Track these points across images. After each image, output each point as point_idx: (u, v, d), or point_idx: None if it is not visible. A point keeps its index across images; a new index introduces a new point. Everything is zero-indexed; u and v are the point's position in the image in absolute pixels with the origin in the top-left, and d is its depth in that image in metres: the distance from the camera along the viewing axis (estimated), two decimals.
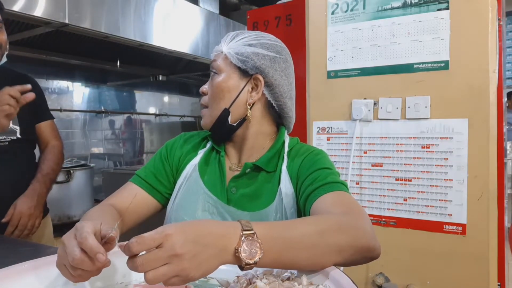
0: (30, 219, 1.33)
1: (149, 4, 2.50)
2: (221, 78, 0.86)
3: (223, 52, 0.87)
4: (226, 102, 0.86)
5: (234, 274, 0.64)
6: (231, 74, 0.86)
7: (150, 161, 0.96)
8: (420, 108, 1.39)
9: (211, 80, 0.89)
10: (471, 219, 1.32)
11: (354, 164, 1.51)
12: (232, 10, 3.88)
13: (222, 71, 0.86)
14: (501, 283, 1.35)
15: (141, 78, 3.59)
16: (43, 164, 1.48)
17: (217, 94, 0.87)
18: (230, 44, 0.87)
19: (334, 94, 1.54)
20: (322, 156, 0.87)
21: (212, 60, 0.89)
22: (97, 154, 3.38)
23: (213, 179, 0.90)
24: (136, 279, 0.69)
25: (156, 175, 0.92)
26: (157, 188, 0.92)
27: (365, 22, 1.48)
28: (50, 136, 1.57)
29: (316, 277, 0.60)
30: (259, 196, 0.86)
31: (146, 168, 0.94)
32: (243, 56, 0.85)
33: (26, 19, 1.92)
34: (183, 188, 0.90)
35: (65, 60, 2.80)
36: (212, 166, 0.92)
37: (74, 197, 2.36)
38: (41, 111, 1.56)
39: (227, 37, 0.90)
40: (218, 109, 0.87)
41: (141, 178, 0.92)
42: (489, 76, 1.28)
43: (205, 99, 0.90)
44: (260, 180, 0.87)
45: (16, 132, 1.43)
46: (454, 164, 1.34)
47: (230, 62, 0.86)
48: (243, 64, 0.85)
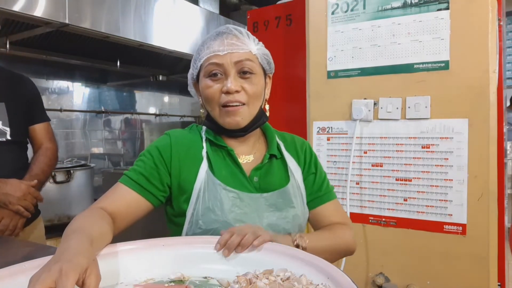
0: (12, 220, 1.32)
1: (149, 4, 2.50)
2: (259, 78, 0.92)
3: (251, 51, 0.90)
4: (261, 100, 0.95)
5: (234, 274, 0.64)
6: (261, 74, 0.93)
7: (139, 163, 0.92)
8: (420, 108, 1.38)
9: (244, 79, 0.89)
10: (471, 219, 1.32)
11: (354, 164, 1.51)
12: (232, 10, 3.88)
13: (256, 71, 0.91)
14: (501, 283, 1.35)
15: (141, 78, 3.59)
16: (33, 165, 1.46)
17: (257, 93, 0.91)
18: (256, 46, 0.92)
19: (334, 94, 1.54)
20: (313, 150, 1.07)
21: (240, 59, 0.88)
22: (97, 154, 3.38)
23: (231, 175, 0.93)
24: (136, 279, 0.69)
25: (149, 178, 0.89)
26: (150, 190, 0.89)
27: (365, 22, 1.48)
28: (44, 139, 1.54)
29: (316, 276, 0.60)
30: (277, 178, 0.96)
31: (136, 170, 0.91)
32: (269, 58, 0.95)
33: (26, 19, 1.92)
34: (204, 193, 0.89)
35: (65, 60, 2.80)
36: (224, 163, 0.94)
37: (74, 197, 2.36)
38: (36, 112, 1.54)
39: (247, 36, 0.92)
40: (257, 107, 0.93)
41: (133, 180, 0.89)
42: (489, 76, 1.28)
43: (241, 97, 0.89)
44: (275, 165, 0.97)
45: (6, 133, 1.41)
46: (454, 164, 1.34)
47: (259, 62, 0.92)
48: (267, 65, 0.95)
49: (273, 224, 0.89)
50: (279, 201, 0.92)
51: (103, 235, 0.74)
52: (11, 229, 1.32)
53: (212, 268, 0.71)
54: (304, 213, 0.97)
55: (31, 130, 1.53)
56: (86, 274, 0.56)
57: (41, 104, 1.59)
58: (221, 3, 3.42)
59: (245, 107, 0.90)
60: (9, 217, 1.31)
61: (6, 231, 1.31)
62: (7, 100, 1.42)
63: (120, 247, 0.73)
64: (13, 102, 1.44)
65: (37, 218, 1.54)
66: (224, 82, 0.89)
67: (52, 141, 1.57)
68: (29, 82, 1.55)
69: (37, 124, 1.53)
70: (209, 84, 0.90)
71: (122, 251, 0.72)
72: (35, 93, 1.56)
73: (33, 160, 1.49)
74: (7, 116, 1.41)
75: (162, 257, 0.73)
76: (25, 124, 1.50)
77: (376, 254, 1.48)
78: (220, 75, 0.89)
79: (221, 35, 0.91)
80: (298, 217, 0.94)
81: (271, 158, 0.98)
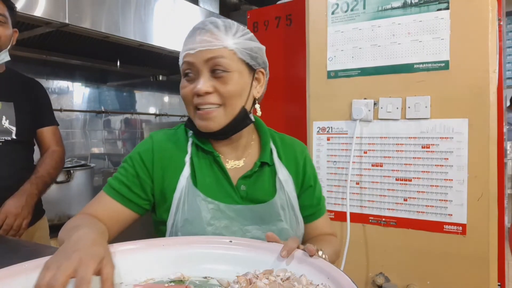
0: (16, 219, 1.32)
1: (149, 4, 2.50)
2: (236, 76, 0.83)
3: (227, 47, 0.81)
4: (242, 100, 0.85)
5: (234, 274, 0.64)
6: (242, 70, 0.84)
7: (122, 170, 0.88)
8: (420, 108, 1.38)
9: (216, 78, 0.82)
10: (471, 219, 1.32)
11: (354, 164, 1.51)
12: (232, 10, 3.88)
13: (232, 68, 0.82)
14: (501, 283, 1.35)
15: (141, 78, 3.59)
16: (39, 167, 1.47)
17: (235, 93, 0.83)
18: (234, 40, 0.83)
19: (334, 94, 1.54)
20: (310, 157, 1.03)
21: (212, 56, 0.80)
22: (97, 154, 3.38)
23: (216, 183, 0.87)
24: (136, 279, 0.69)
25: (130, 187, 0.86)
26: (133, 200, 0.86)
27: (365, 22, 1.48)
28: (52, 142, 1.55)
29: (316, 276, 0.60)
30: (266, 188, 0.90)
31: (118, 179, 0.87)
32: (253, 52, 0.85)
33: (26, 19, 1.92)
34: (184, 203, 0.85)
35: (65, 60, 2.80)
36: (209, 170, 0.88)
37: (74, 197, 2.36)
38: (45, 116, 1.55)
39: (224, 30, 0.82)
40: (236, 108, 0.84)
41: (115, 190, 0.86)
42: (489, 76, 1.28)
43: (213, 99, 0.82)
44: (266, 174, 0.91)
45: (12, 133, 1.42)
46: (454, 164, 1.34)
47: (238, 58, 0.83)
48: (252, 60, 0.85)
49: (257, 238, 0.82)
50: (265, 214, 0.86)
51: (105, 231, 0.74)
52: (15, 229, 1.32)
53: (212, 268, 0.71)
54: (296, 226, 0.91)
55: (39, 133, 1.54)
56: (103, 264, 0.56)
57: (50, 108, 1.60)
58: (221, 3, 3.42)
59: (220, 109, 0.83)
60: (13, 217, 1.31)
61: (10, 231, 1.31)
62: (16, 100, 1.44)
63: (120, 247, 0.73)
64: (22, 103, 1.46)
65: (41, 218, 1.55)
66: (195, 83, 0.83)
67: (59, 145, 1.58)
68: (40, 86, 1.58)
69: (45, 127, 1.55)
70: (183, 85, 0.86)
71: (122, 251, 0.72)
72: (45, 97, 1.58)
73: (40, 162, 1.51)
74: (14, 116, 1.42)
75: (162, 257, 0.73)
76: (31, 126, 1.51)
77: (376, 254, 1.48)
78: (193, 75, 0.83)
79: (194, 31, 0.84)
80: (286, 231, 0.87)
81: (262, 166, 0.91)
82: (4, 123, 1.39)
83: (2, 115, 1.40)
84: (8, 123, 1.40)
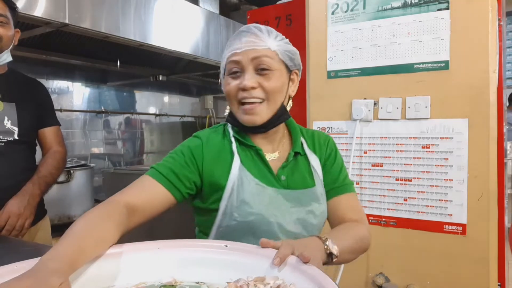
0: (19, 219, 1.32)
1: (149, 4, 2.50)
2: (278, 74, 0.92)
3: (270, 48, 0.91)
4: (282, 97, 0.94)
5: (228, 279, 0.64)
6: (282, 70, 0.93)
7: (169, 159, 0.94)
8: (420, 108, 1.39)
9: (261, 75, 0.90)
10: (471, 219, 1.32)
11: (354, 164, 1.51)
12: (232, 10, 3.88)
13: (274, 66, 0.91)
14: (501, 283, 1.35)
15: (141, 78, 3.59)
16: (41, 167, 1.47)
17: (276, 89, 0.92)
18: (275, 42, 0.92)
19: (334, 94, 1.54)
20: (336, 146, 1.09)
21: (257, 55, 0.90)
22: (97, 154, 3.38)
23: (262, 172, 0.95)
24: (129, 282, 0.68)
25: (178, 175, 0.91)
26: (178, 187, 0.91)
27: (365, 22, 1.48)
28: (54, 142, 1.55)
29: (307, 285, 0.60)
30: (303, 177, 0.98)
31: (165, 166, 0.92)
32: (291, 54, 0.95)
33: (26, 19, 1.92)
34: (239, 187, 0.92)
35: (65, 60, 2.80)
36: (254, 162, 0.96)
37: (74, 197, 2.36)
38: (47, 116, 1.55)
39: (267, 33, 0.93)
40: (277, 104, 0.93)
41: (162, 175, 0.90)
42: (489, 76, 1.29)
43: (258, 93, 0.90)
44: (300, 163, 1.00)
45: (14, 133, 1.42)
46: (454, 164, 1.34)
47: (279, 58, 0.92)
48: (290, 61, 0.95)
49: (301, 219, 0.93)
50: (306, 198, 0.96)
51: (101, 242, 0.71)
52: (18, 229, 1.32)
53: (207, 272, 0.70)
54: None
55: (41, 133, 1.54)
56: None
57: (52, 108, 1.60)
58: (221, 3, 3.42)
59: (263, 104, 0.92)
60: (15, 217, 1.31)
61: (13, 231, 1.31)
62: (18, 101, 1.44)
63: (113, 250, 0.71)
64: (24, 103, 1.46)
65: (43, 218, 1.55)
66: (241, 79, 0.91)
67: (61, 145, 1.58)
68: (42, 87, 1.58)
69: (47, 127, 1.55)
70: (228, 81, 0.93)
71: (115, 254, 0.71)
72: (47, 98, 1.58)
73: (41, 162, 1.50)
74: (16, 116, 1.42)
75: (157, 260, 0.72)
76: (34, 126, 1.51)
77: (376, 254, 1.48)
78: (239, 73, 0.92)
79: (240, 34, 0.94)
80: (325, 213, 0.98)
81: (295, 156, 1.00)
82: (6, 123, 1.39)
83: (4, 115, 1.40)
84: (10, 124, 1.40)
